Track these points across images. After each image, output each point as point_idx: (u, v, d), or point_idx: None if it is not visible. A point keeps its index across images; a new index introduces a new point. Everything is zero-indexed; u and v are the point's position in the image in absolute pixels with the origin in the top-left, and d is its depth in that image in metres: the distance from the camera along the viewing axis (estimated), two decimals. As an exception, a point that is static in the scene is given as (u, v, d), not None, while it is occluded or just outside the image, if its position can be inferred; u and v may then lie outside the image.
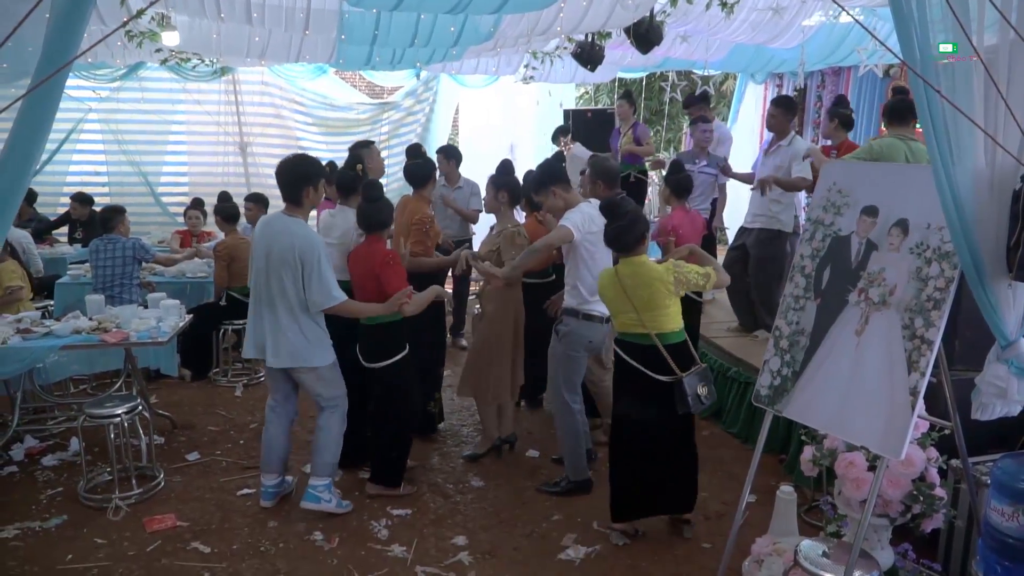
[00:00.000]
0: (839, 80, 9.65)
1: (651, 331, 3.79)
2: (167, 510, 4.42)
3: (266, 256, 4.11)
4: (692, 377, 3.79)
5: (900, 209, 2.96)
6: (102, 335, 4.83)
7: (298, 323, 4.13)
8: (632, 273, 3.83)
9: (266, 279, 4.13)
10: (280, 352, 4.17)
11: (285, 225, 4.14)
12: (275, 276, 4.09)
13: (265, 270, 4.13)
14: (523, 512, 4.47)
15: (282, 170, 4.17)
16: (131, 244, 6.25)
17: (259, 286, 4.18)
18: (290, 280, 4.07)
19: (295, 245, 4.04)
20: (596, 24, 5.90)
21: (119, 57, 7.71)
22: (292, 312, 4.11)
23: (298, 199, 4.16)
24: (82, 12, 2.21)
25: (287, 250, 4.04)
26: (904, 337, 2.81)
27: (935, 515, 3.21)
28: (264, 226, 4.25)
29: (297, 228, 4.12)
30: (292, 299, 4.09)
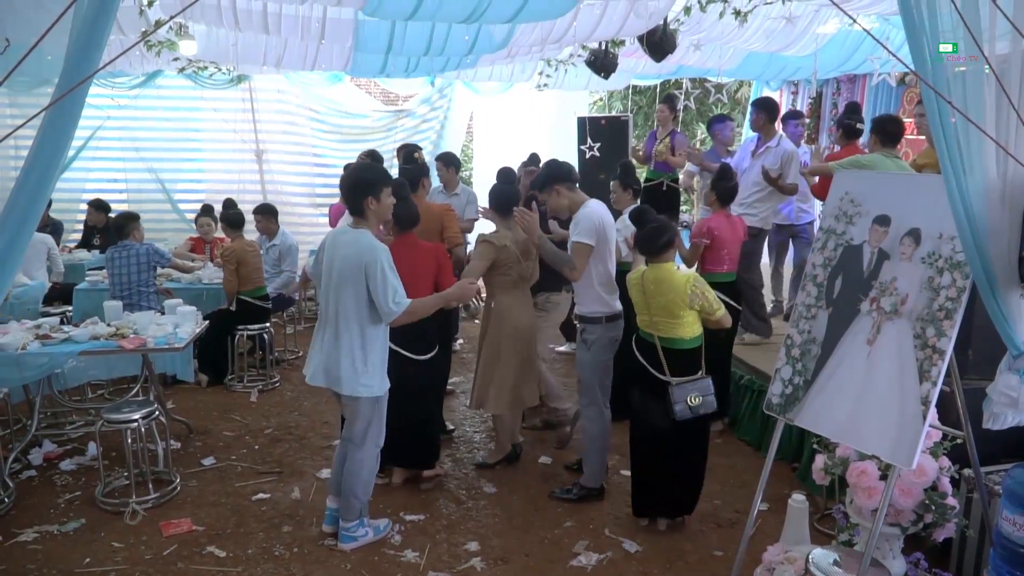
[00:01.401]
0: (854, 88, 9.62)
1: (656, 334, 4.01)
2: (183, 514, 4.47)
3: (329, 271, 3.92)
4: (686, 385, 3.92)
5: (912, 219, 2.97)
6: (120, 341, 4.89)
7: (354, 347, 3.86)
8: (655, 279, 4.00)
9: (328, 295, 3.93)
10: (327, 372, 3.93)
11: (348, 237, 3.89)
12: (336, 292, 3.87)
13: (327, 286, 3.93)
14: (536, 518, 4.49)
15: (344, 180, 4.06)
16: (145, 250, 6.30)
17: (323, 303, 3.99)
18: (352, 295, 3.83)
19: (357, 256, 3.81)
20: (610, 32, 5.92)
21: (137, 66, 7.79)
22: (352, 331, 3.86)
23: (360, 210, 3.90)
24: (106, 23, 2.25)
25: (349, 262, 3.82)
26: (916, 347, 2.81)
27: (947, 524, 3.21)
28: (331, 240, 4.02)
29: (360, 238, 3.86)
30: (354, 316, 3.85)
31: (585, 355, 4.53)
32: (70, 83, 2.20)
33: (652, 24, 5.86)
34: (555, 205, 4.51)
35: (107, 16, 2.23)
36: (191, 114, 10.18)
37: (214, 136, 10.32)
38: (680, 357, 4.00)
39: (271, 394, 6.62)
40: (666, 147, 7.74)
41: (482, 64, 8.09)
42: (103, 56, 2.35)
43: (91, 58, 2.26)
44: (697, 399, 3.90)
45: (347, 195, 3.97)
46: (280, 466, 5.14)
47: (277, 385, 6.80)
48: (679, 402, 3.87)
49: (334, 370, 3.91)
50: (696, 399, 3.90)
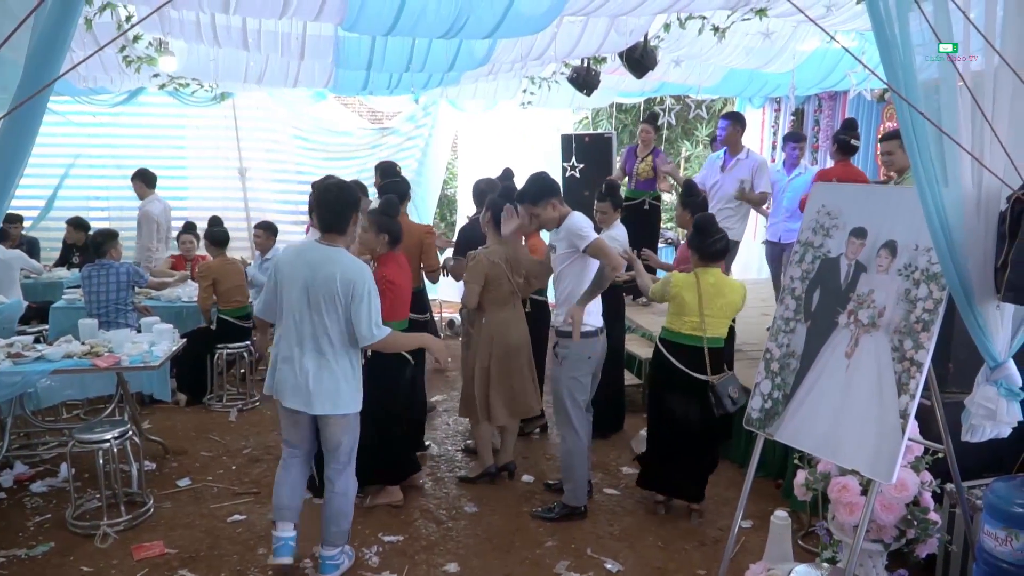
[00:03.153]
0: (836, 105, 9.67)
1: (705, 335, 4.29)
2: (155, 537, 4.38)
3: (305, 290, 3.70)
4: (725, 381, 4.24)
5: (889, 230, 2.95)
6: (93, 359, 4.81)
7: (339, 364, 3.75)
8: (716, 282, 4.35)
9: (299, 313, 3.72)
10: (316, 397, 3.74)
11: (326, 255, 3.73)
12: (316, 311, 3.70)
13: (300, 304, 3.71)
14: (517, 538, 4.42)
15: (328, 197, 3.78)
16: (124, 269, 6.24)
17: (291, 322, 3.74)
18: (334, 315, 3.69)
19: (343, 276, 3.66)
20: (590, 49, 5.93)
21: (119, 83, 7.74)
22: (333, 351, 3.73)
23: (344, 227, 3.78)
24: (66, 31, 2.20)
25: (332, 281, 3.66)
26: (894, 359, 2.78)
27: (929, 540, 3.17)
28: (296, 257, 3.80)
29: (342, 257, 3.73)
30: (335, 336, 3.72)
31: (557, 369, 4.50)
32: (30, 90, 2.15)
33: (632, 41, 5.86)
34: (548, 218, 4.43)
35: (69, 21, 2.19)
36: (174, 131, 10.13)
37: (197, 154, 10.27)
38: (719, 356, 4.39)
39: (251, 413, 6.53)
40: (648, 166, 7.75)
41: (466, 81, 8.07)
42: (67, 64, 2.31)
43: (52, 65, 2.22)
44: (735, 391, 4.26)
45: (331, 211, 3.76)
46: (257, 487, 5.05)
47: (257, 404, 6.71)
48: (725, 396, 4.21)
49: (319, 393, 3.73)
50: (735, 392, 4.26)
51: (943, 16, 2.41)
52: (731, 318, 4.54)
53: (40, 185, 9.96)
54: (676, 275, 4.47)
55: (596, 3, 4.25)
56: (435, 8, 3.90)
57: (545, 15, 4.18)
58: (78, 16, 2.22)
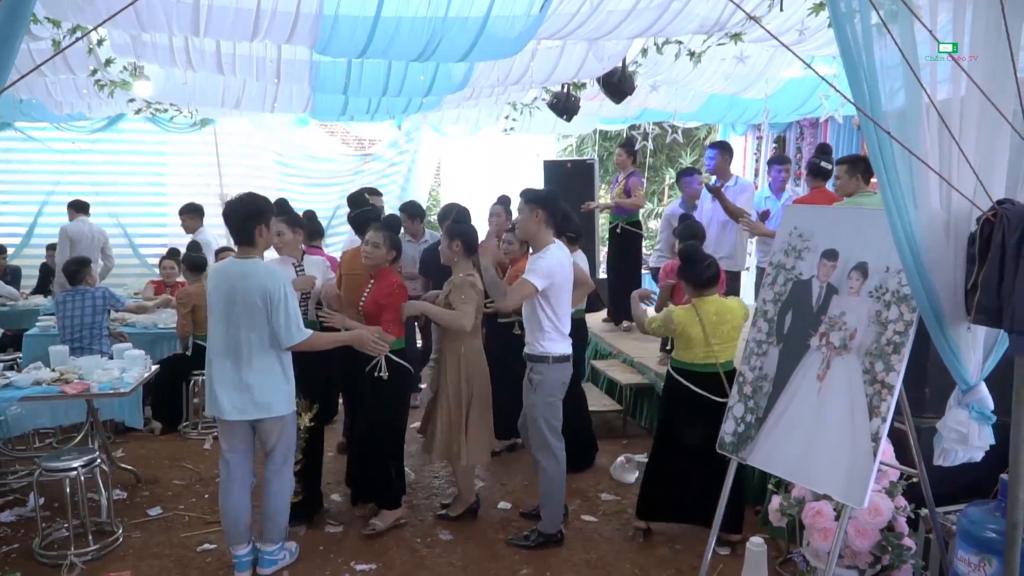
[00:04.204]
0: (816, 132, 9.75)
1: (718, 361, 4.18)
2: (124, 567, 4.27)
3: (228, 303, 3.90)
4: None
5: (860, 252, 2.93)
6: (63, 386, 4.73)
7: (267, 368, 3.93)
8: (716, 310, 4.23)
9: (227, 328, 3.92)
10: (249, 403, 3.93)
11: (243, 268, 3.93)
12: (240, 323, 3.89)
13: (226, 319, 3.92)
14: (492, 566, 4.34)
15: (230, 211, 3.98)
16: (100, 294, 6.17)
17: (220, 337, 3.96)
18: (259, 323, 3.88)
19: (260, 286, 3.85)
20: (568, 74, 5.95)
21: (95, 109, 7.72)
22: (261, 358, 3.91)
23: (251, 239, 3.96)
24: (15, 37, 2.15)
25: (252, 292, 3.85)
26: (865, 382, 2.76)
27: (904, 566, 3.13)
28: (219, 275, 4.03)
29: (257, 268, 3.93)
30: (261, 343, 3.90)
31: (532, 395, 4.44)
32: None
33: (610, 66, 5.89)
34: (524, 223, 4.41)
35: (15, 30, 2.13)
36: (154, 158, 10.13)
37: (177, 180, 10.24)
38: (731, 377, 4.24)
39: (226, 441, 6.42)
40: (621, 190, 7.77)
41: (447, 107, 8.08)
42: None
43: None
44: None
45: (238, 223, 3.95)
46: (229, 515, 4.96)
47: (234, 432, 6.60)
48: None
49: (254, 400, 3.93)
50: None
51: (909, 39, 2.42)
52: (738, 339, 4.34)
53: (21, 212, 9.92)
54: (676, 311, 4.34)
55: (569, 27, 4.26)
56: (408, 30, 3.90)
57: (519, 38, 4.19)
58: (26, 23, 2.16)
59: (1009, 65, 2.42)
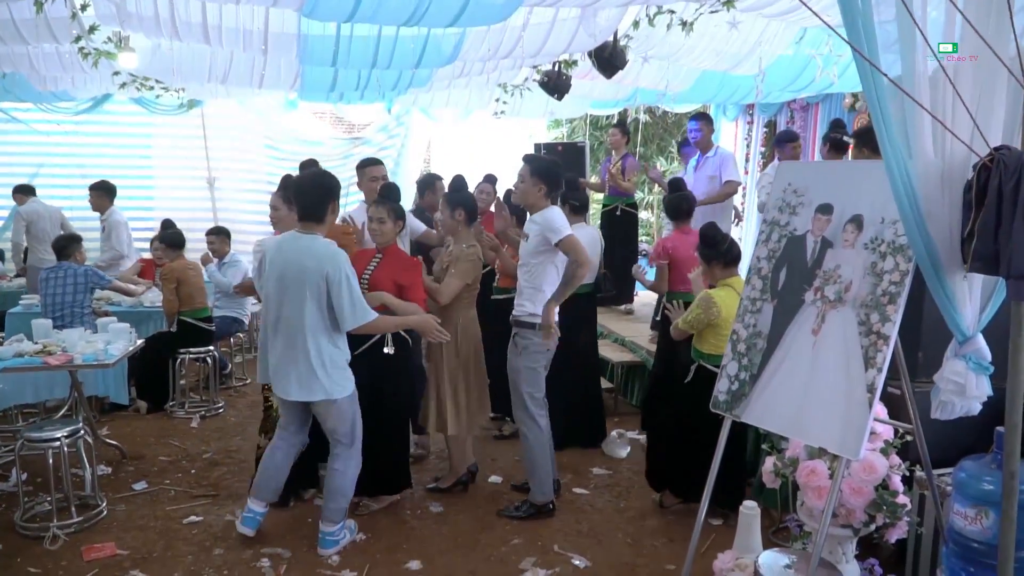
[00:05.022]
0: (808, 115, 9.72)
1: None
2: (107, 539, 4.21)
3: (281, 279, 3.80)
4: None
5: (854, 205, 2.89)
6: (46, 358, 4.65)
7: (317, 350, 3.80)
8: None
9: (279, 305, 3.82)
10: (295, 383, 3.85)
11: (302, 244, 3.81)
12: (290, 301, 3.78)
13: (279, 295, 3.81)
14: (483, 536, 4.30)
15: (305, 186, 3.90)
16: (83, 271, 6.08)
17: (271, 313, 3.88)
18: (312, 303, 3.74)
19: (317, 265, 3.73)
20: (559, 48, 5.88)
21: (80, 86, 7.60)
22: (311, 338, 3.78)
23: (322, 216, 3.86)
24: None
25: (307, 271, 3.73)
26: (860, 333, 2.72)
27: (899, 524, 3.09)
28: (275, 249, 3.93)
29: (317, 246, 3.79)
30: (312, 324, 3.77)
31: (516, 359, 4.40)
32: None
33: (601, 40, 5.83)
34: (525, 191, 4.35)
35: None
36: (140, 140, 10.01)
37: (164, 163, 10.13)
38: None
39: (214, 420, 6.36)
40: (618, 170, 7.73)
41: (438, 86, 8.01)
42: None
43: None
44: None
45: (308, 200, 3.85)
46: (216, 489, 4.90)
47: (221, 411, 6.54)
48: None
49: (299, 380, 3.84)
50: None
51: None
52: None
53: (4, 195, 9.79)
54: (715, 294, 4.10)
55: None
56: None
57: (508, 3, 4.13)
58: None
59: (1006, 9, 2.38)
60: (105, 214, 7.81)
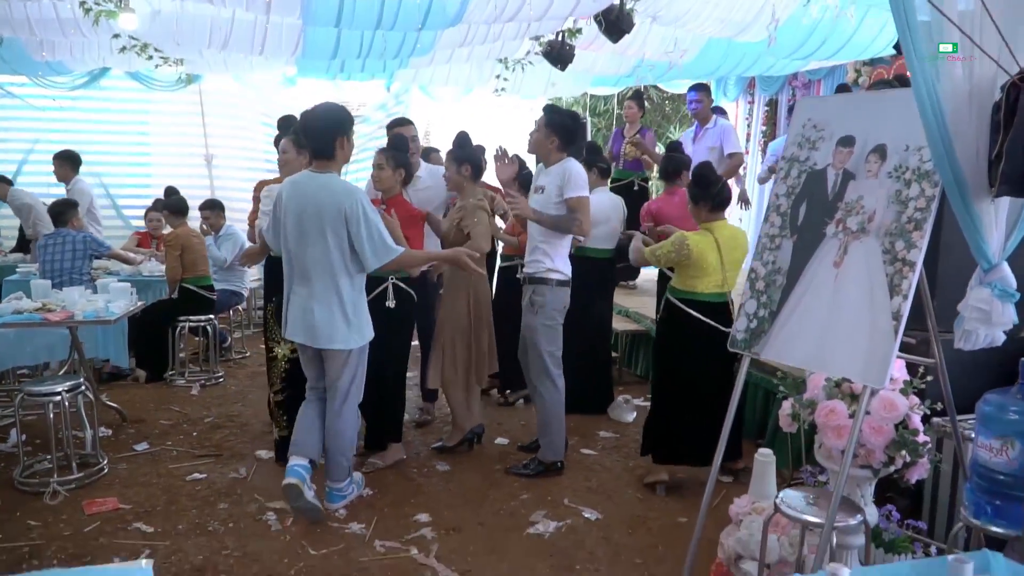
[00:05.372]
0: (810, 93, 9.67)
1: (728, 290, 4.13)
2: (109, 494, 4.15)
3: (298, 221, 3.62)
4: None
5: (877, 135, 2.84)
6: (45, 315, 4.58)
7: (339, 295, 3.65)
8: (730, 235, 4.16)
9: (296, 247, 3.66)
10: (313, 330, 3.68)
11: (318, 183, 3.62)
12: (310, 241, 3.61)
13: (297, 236, 3.64)
14: (491, 492, 4.25)
15: (311, 120, 3.67)
16: (82, 237, 5.99)
17: (290, 257, 3.71)
18: (333, 243, 3.58)
19: (334, 202, 3.55)
20: (565, 10, 5.82)
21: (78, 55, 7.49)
22: (333, 282, 3.64)
23: (331, 151, 3.65)
24: None
25: (326, 209, 3.56)
26: (885, 262, 2.66)
27: (920, 463, 3.04)
28: (291, 188, 3.71)
29: (333, 183, 3.63)
30: (334, 266, 3.62)
31: (532, 319, 4.33)
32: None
33: (608, 1, 5.78)
34: (537, 141, 4.31)
35: None
36: (137, 116, 9.88)
37: (161, 140, 10.01)
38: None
39: (214, 388, 6.29)
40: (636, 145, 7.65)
41: (440, 55, 7.94)
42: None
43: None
44: None
45: (316, 135, 3.66)
46: (219, 450, 4.83)
47: (221, 381, 6.47)
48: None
49: (319, 327, 3.67)
50: None
51: None
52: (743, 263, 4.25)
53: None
54: (690, 237, 4.08)
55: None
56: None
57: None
58: None
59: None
60: (70, 183, 7.55)
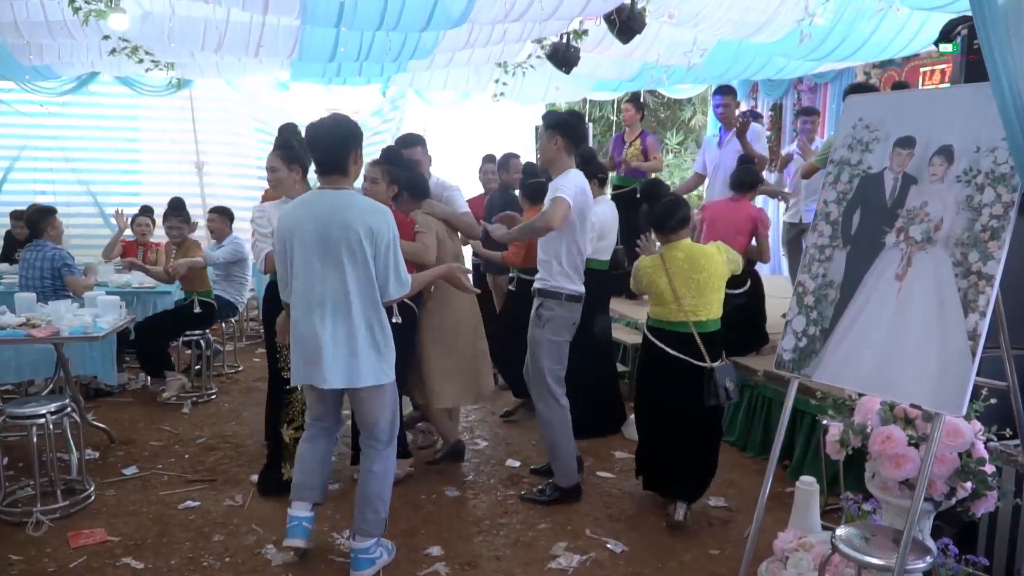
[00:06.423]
0: (816, 97, 9.49)
1: (690, 320, 3.76)
2: (96, 525, 3.86)
3: (317, 244, 3.15)
4: (722, 369, 3.74)
5: (941, 135, 2.59)
6: (30, 330, 4.29)
7: (368, 325, 3.20)
8: (687, 256, 3.79)
9: (316, 275, 3.17)
10: (336, 368, 3.19)
11: (338, 201, 3.17)
12: (332, 267, 3.15)
13: (315, 263, 3.16)
14: (506, 521, 3.97)
15: (321, 134, 3.21)
16: (51, 255, 5.55)
17: (305, 287, 3.20)
18: (355, 269, 3.14)
19: (363, 222, 3.12)
20: (575, 10, 5.57)
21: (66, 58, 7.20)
22: (362, 311, 3.18)
23: (344, 166, 3.22)
24: None
25: (350, 230, 3.11)
26: (957, 275, 2.41)
27: (987, 496, 2.79)
28: (300, 210, 3.24)
29: (357, 200, 3.22)
30: (357, 294, 3.16)
31: (538, 332, 4.07)
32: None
33: (618, 2, 5.54)
34: (543, 148, 4.06)
35: None
36: (126, 123, 9.61)
37: (151, 147, 9.73)
38: (713, 340, 3.82)
39: (206, 406, 5.98)
40: (637, 151, 7.37)
41: (438, 64, 7.70)
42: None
43: None
44: (731, 384, 3.77)
45: (327, 149, 3.21)
46: (213, 474, 4.54)
47: (214, 397, 6.17)
48: (721, 387, 3.71)
49: (343, 362, 3.20)
50: (731, 384, 3.76)
51: None
52: (721, 290, 3.86)
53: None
54: (642, 261, 3.94)
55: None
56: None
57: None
58: None
59: None
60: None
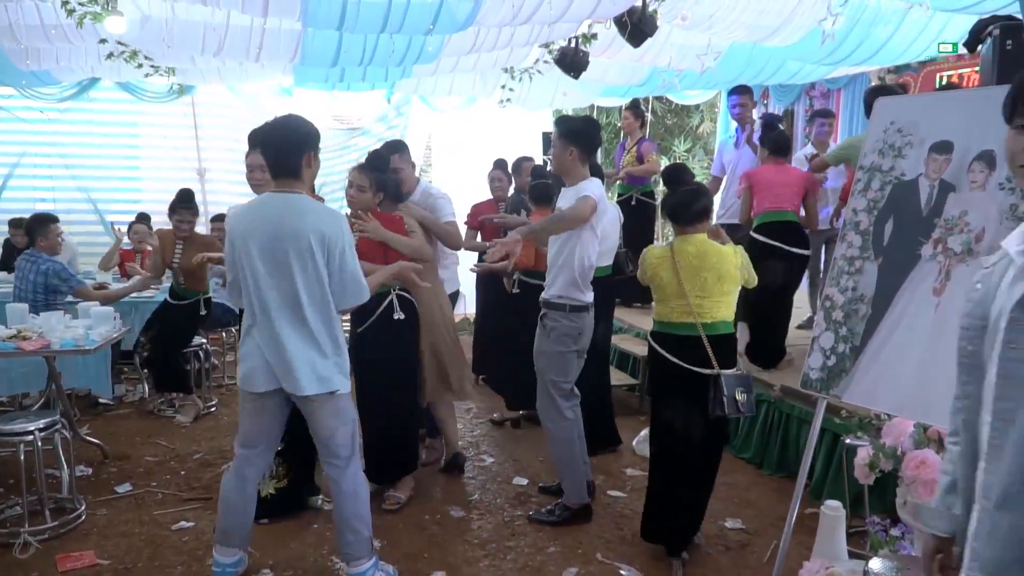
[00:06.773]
0: (828, 103, 9.32)
1: (697, 320, 3.40)
2: (86, 547, 3.69)
3: (267, 249, 2.99)
4: (732, 377, 3.34)
5: (981, 140, 2.43)
6: (20, 343, 4.13)
7: (319, 333, 3.05)
8: (698, 252, 3.45)
9: (266, 281, 3.01)
10: (294, 373, 3.02)
11: (289, 204, 3.02)
12: (283, 274, 3.00)
13: (265, 268, 3.01)
14: (513, 543, 3.80)
15: (274, 134, 3.07)
16: (45, 268, 5.35)
17: (256, 293, 3.04)
18: (307, 274, 3.00)
19: (315, 227, 2.98)
20: (584, 12, 5.41)
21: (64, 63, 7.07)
22: (311, 319, 3.03)
23: (297, 169, 3.04)
24: None
25: (301, 235, 2.96)
26: (1001, 290, 2.24)
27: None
28: (249, 214, 3.08)
29: (310, 204, 3.07)
30: (310, 300, 3.02)
31: (544, 341, 3.90)
32: None
33: (629, 4, 5.38)
34: (558, 158, 3.88)
35: None
36: (127, 129, 9.48)
37: (152, 153, 9.61)
38: (723, 345, 3.44)
39: (205, 419, 5.82)
40: (633, 157, 7.25)
41: (443, 69, 7.56)
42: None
43: None
44: (743, 395, 3.34)
45: (280, 150, 3.04)
46: (209, 492, 4.36)
47: (213, 410, 6.01)
48: (731, 397, 3.30)
49: (300, 368, 3.02)
50: (742, 395, 3.34)
51: None
52: (731, 293, 3.52)
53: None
54: (651, 249, 3.68)
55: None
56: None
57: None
58: None
59: None
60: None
